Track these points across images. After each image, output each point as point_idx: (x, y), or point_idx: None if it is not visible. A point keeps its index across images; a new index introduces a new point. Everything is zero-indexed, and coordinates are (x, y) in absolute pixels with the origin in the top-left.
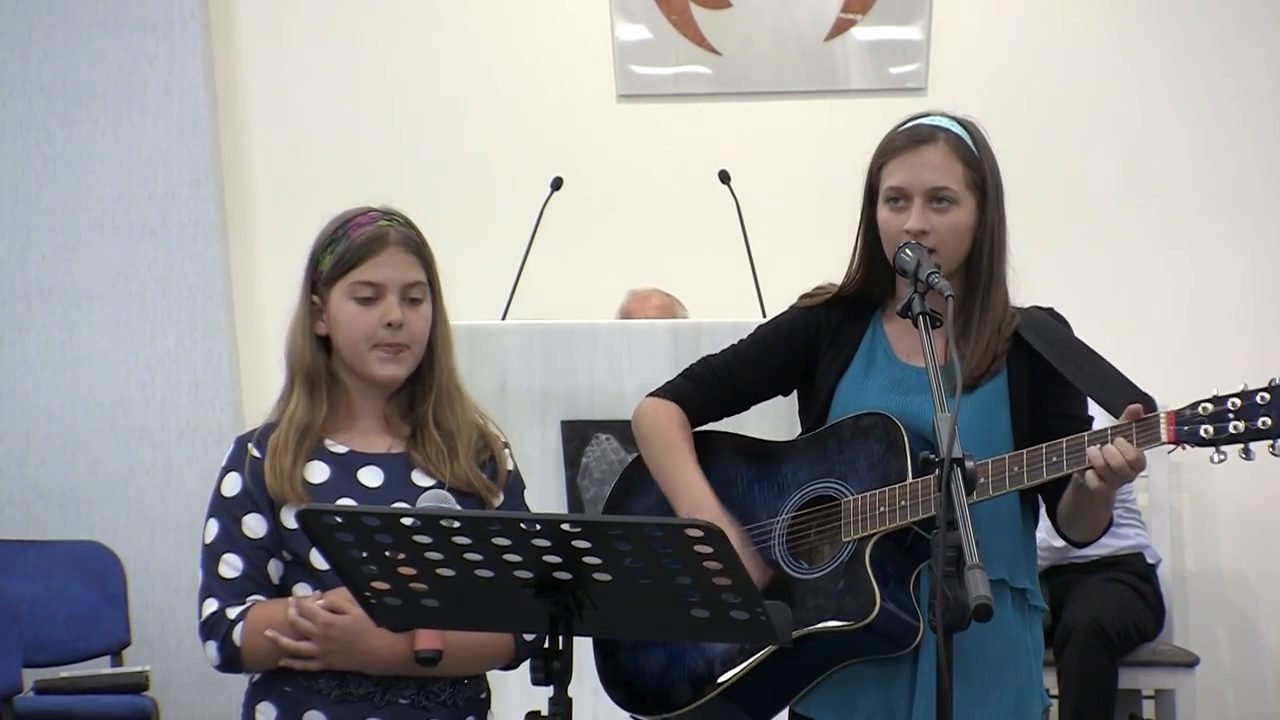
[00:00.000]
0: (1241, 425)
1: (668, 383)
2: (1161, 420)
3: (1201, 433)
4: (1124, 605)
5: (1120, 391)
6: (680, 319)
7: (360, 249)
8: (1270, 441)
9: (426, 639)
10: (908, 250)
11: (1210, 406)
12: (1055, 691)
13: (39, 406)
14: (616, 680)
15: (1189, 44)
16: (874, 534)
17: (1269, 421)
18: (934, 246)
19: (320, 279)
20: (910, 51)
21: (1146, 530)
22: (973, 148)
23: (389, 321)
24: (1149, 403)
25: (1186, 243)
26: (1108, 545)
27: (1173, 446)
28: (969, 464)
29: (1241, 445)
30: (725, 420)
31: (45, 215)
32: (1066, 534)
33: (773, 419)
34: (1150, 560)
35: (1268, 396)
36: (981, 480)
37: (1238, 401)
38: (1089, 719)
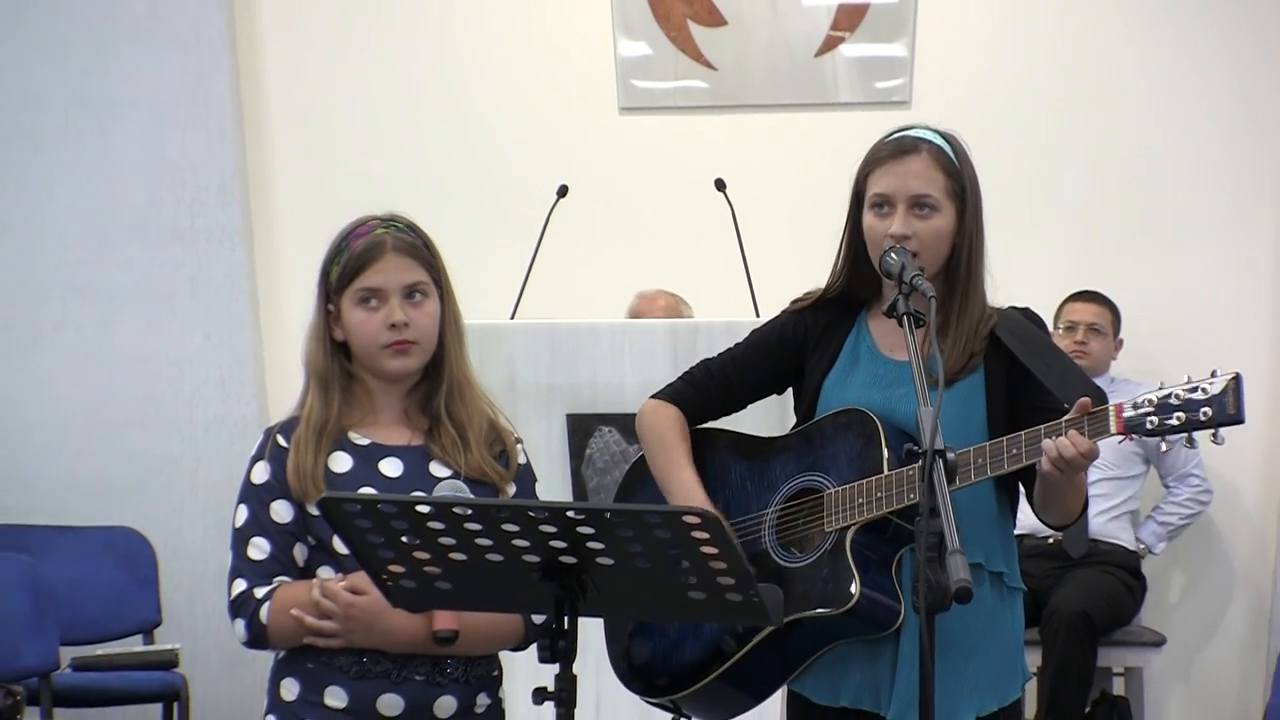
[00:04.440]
0: (1184, 416)
1: (668, 385)
2: (1111, 413)
3: (1148, 424)
4: (1111, 597)
5: (1078, 387)
6: (681, 318)
7: (359, 258)
8: (1211, 431)
9: (444, 620)
10: (893, 254)
11: (1155, 399)
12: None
13: (75, 400)
14: (626, 665)
15: (1155, 60)
16: (854, 524)
17: (1210, 412)
18: (916, 250)
19: (331, 289)
20: (895, 67)
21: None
22: (954, 159)
23: (392, 323)
24: (1100, 397)
25: (1154, 245)
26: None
27: (1121, 437)
28: (950, 455)
29: (1185, 435)
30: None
31: (81, 221)
32: (1043, 519)
33: (765, 415)
34: (1131, 548)
35: (1209, 389)
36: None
37: (1181, 394)
38: (1067, 696)
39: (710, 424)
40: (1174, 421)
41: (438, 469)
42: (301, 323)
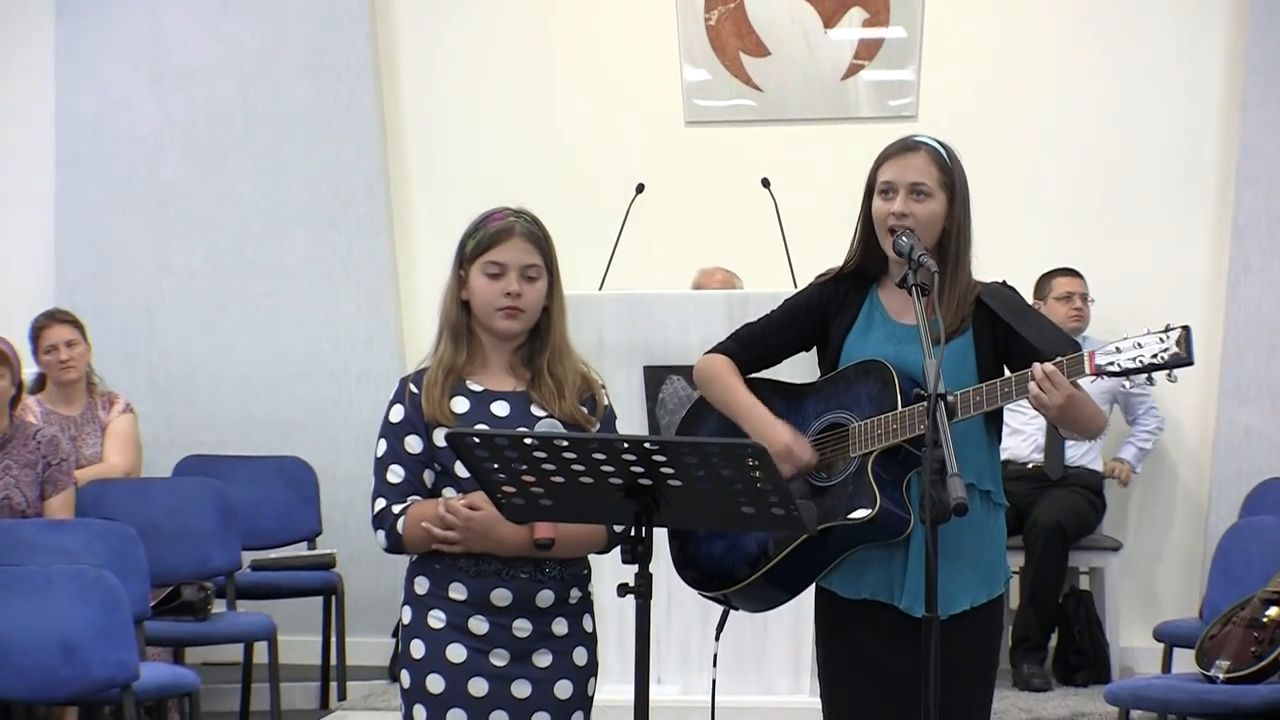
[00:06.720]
0: (1144, 360)
1: (718, 344)
2: (1085, 358)
3: (1114, 366)
4: (1079, 512)
5: (1055, 340)
6: (734, 289)
7: (492, 237)
8: (1167, 371)
9: (542, 529)
10: (904, 237)
11: (1121, 346)
12: (1021, 568)
13: (254, 356)
14: (687, 566)
15: (1115, 80)
16: (873, 451)
17: (1166, 357)
18: (912, 228)
19: (465, 258)
20: (905, 88)
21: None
22: (946, 159)
23: (508, 292)
24: (1075, 346)
25: (1113, 229)
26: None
27: (1094, 377)
28: (950, 397)
29: (1146, 375)
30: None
31: (257, 213)
32: (1067, 437)
33: (801, 366)
34: (1096, 470)
35: (1165, 336)
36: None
37: (1141, 342)
38: (1044, 591)
39: (753, 375)
40: (1137, 365)
41: (537, 410)
42: (432, 295)
